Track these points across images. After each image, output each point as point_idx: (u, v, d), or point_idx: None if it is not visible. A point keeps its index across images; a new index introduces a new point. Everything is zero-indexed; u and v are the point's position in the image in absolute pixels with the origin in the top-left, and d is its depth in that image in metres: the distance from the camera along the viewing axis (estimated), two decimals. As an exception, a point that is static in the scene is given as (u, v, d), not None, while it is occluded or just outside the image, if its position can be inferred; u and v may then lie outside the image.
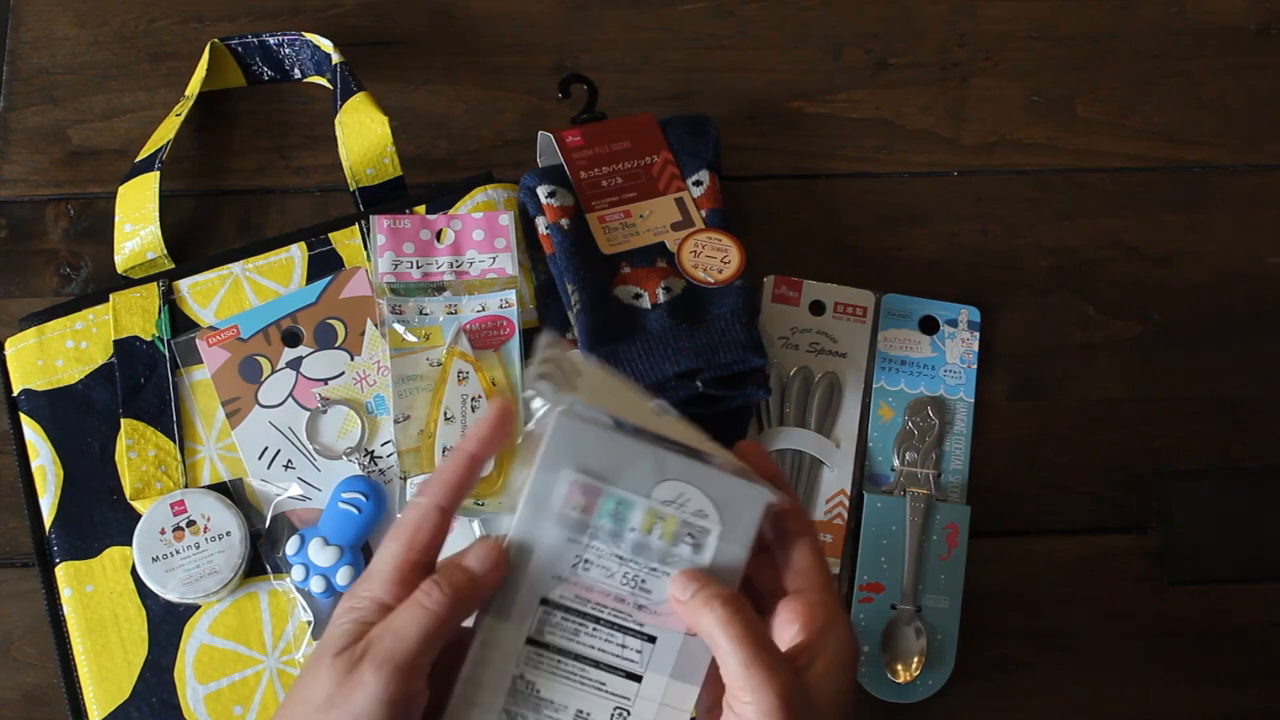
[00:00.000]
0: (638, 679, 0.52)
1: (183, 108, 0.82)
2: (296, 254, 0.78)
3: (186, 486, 0.73)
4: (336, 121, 0.80)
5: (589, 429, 0.52)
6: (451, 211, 0.79)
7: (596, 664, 0.52)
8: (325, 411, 0.75)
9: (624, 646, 0.52)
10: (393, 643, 0.50)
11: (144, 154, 0.80)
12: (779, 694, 0.49)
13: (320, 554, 0.72)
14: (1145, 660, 0.76)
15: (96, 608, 0.72)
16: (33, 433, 0.74)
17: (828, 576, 0.54)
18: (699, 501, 0.52)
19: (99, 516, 0.73)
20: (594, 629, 0.52)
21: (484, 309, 0.77)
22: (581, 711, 0.52)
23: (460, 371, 0.74)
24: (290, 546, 0.72)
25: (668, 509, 0.52)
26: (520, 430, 0.60)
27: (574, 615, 0.52)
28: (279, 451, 0.74)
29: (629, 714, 0.52)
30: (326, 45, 0.82)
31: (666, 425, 0.53)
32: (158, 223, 0.78)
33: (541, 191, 0.78)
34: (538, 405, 0.53)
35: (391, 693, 0.49)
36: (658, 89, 0.86)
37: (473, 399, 0.74)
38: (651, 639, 0.52)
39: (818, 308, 0.80)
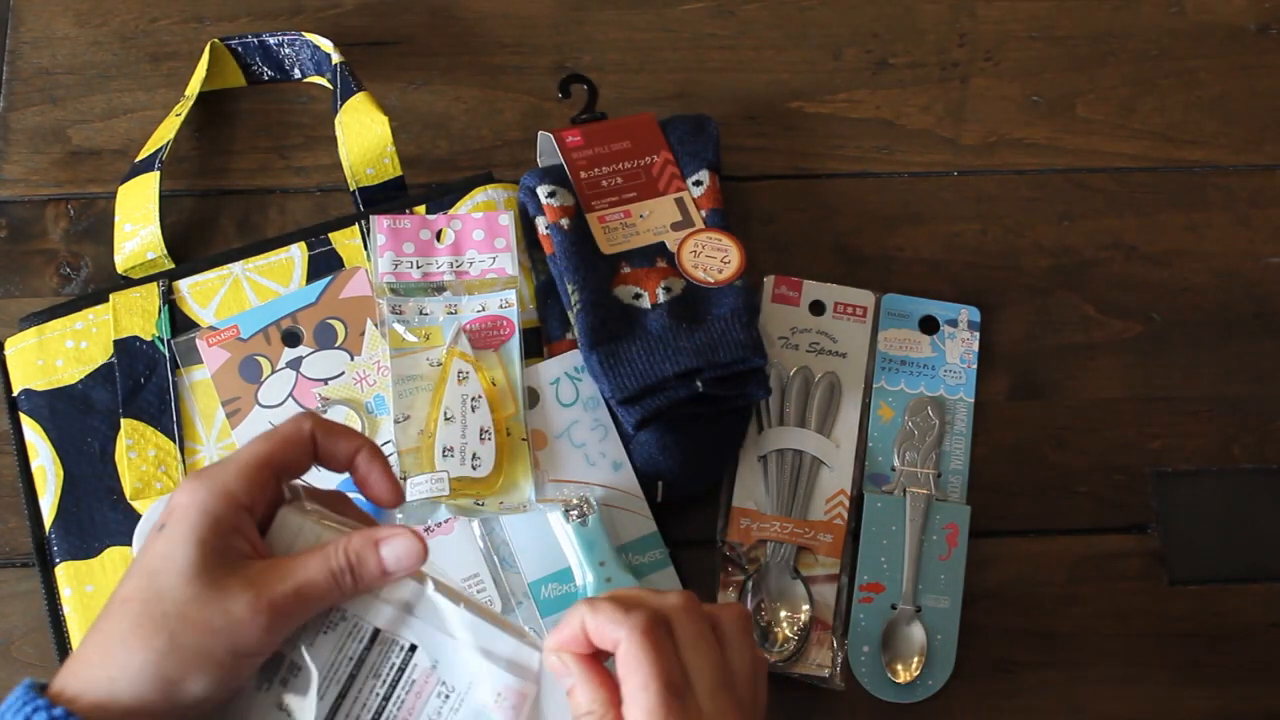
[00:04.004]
0: None
1: (183, 108, 0.82)
2: (296, 254, 0.78)
3: (186, 486, 0.73)
4: (336, 121, 0.80)
5: None
6: (451, 211, 0.79)
7: None
8: (325, 411, 0.75)
9: None
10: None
11: (144, 154, 0.80)
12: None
13: (320, 554, 0.71)
14: (1145, 660, 0.76)
15: (97, 608, 0.72)
16: (33, 433, 0.74)
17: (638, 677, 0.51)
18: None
19: (99, 516, 0.73)
20: None
21: (484, 309, 0.77)
22: None
23: (460, 371, 0.74)
24: (290, 546, 0.72)
25: None
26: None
27: None
28: (279, 451, 0.74)
29: None
30: (326, 45, 0.82)
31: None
32: (158, 223, 0.78)
33: (541, 191, 0.78)
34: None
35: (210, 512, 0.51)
36: (658, 89, 0.86)
37: (473, 399, 0.74)
38: None
39: (818, 308, 0.80)
